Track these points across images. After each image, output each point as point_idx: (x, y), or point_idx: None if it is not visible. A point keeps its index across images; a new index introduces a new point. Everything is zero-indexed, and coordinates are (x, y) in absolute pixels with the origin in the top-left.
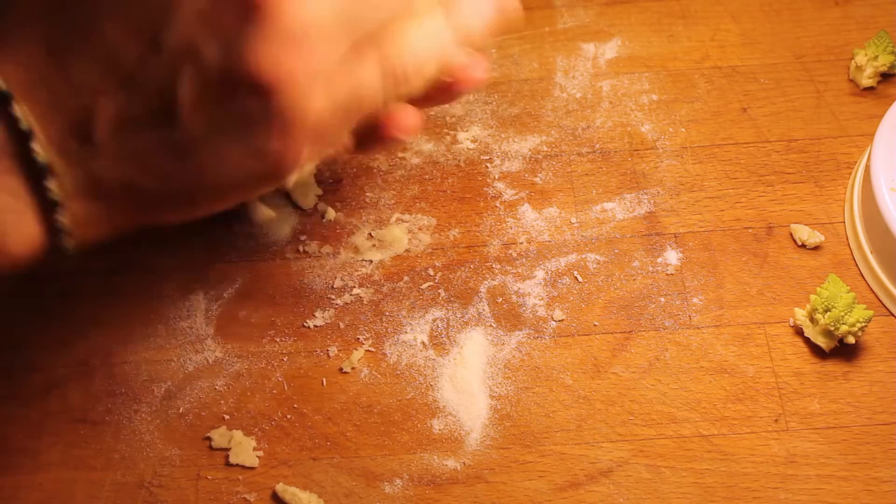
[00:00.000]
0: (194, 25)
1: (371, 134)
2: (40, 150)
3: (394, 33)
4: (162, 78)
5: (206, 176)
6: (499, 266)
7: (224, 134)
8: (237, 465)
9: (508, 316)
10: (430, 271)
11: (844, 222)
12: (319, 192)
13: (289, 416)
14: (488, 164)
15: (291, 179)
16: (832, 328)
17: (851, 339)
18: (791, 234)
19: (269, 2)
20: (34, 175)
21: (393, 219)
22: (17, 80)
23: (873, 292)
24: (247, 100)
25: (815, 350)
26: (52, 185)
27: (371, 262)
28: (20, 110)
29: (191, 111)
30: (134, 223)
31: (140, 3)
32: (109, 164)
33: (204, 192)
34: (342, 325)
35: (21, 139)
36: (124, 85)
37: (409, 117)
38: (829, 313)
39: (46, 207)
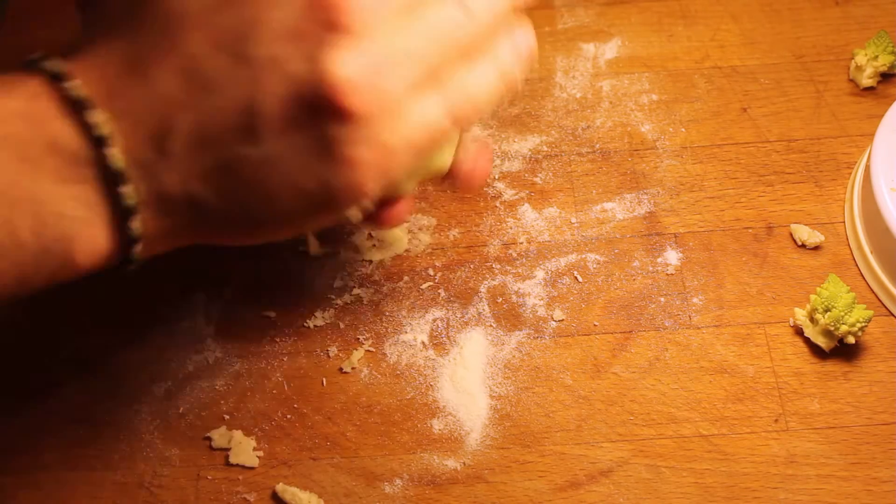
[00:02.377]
0: (280, 40)
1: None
2: (117, 156)
3: (452, 75)
4: (245, 92)
5: (273, 200)
6: (499, 266)
7: (299, 157)
8: (237, 465)
9: (508, 316)
10: (430, 271)
11: (844, 222)
12: None
13: (289, 416)
14: None
15: (353, 213)
16: (832, 328)
17: (851, 339)
18: (791, 234)
19: (356, 24)
20: (108, 184)
21: None
22: (97, 88)
23: (873, 292)
24: (326, 123)
25: (815, 350)
26: (126, 191)
27: (371, 262)
28: (99, 117)
29: (271, 128)
30: (193, 241)
31: (226, 16)
32: (181, 179)
33: (267, 217)
34: (342, 325)
35: (97, 147)
36: (206, 98)
37: (401, 210)
38: (829, 313)
39: (118, 216)
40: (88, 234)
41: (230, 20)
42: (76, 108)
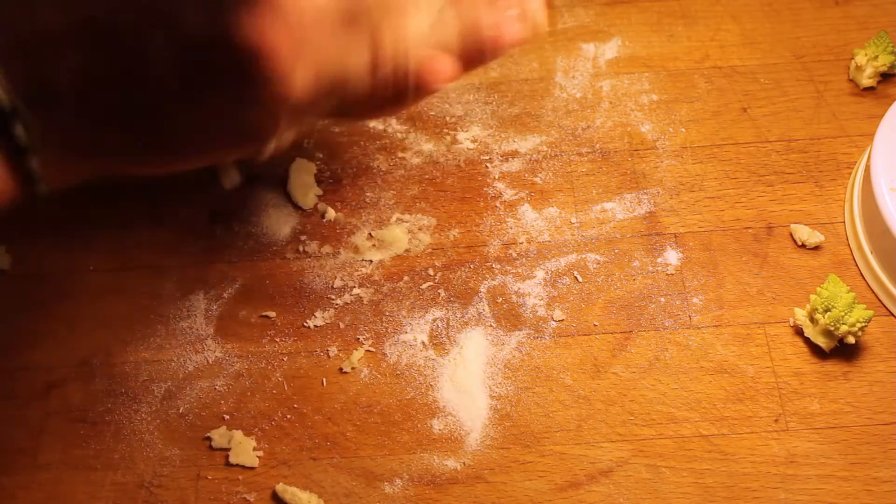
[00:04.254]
0: None
1: (404, 86)
2: (3, 94)
3: (393, 19)
4: (132, 33)
5: (178, 136)
6: (499, 266)
7: (200, 96)
8: (237, 465)
9: (508, 316)
10: (430, 271)
11: (844, 222)
12: (319, 192)
13: (289, 416)
14: (488, 164)
15: (268, 149)
16: (832, 328)
17: (851, 339)
18: (791, 234)
19: None
20: (1, 122)
21: (393, 219)
22: None
23: (873, 292)
24: (227, 63)
25: (815, 350)
26: (19, 130)
27: (371, 262)
28: None
29: (161, 72)
30: (103, 172)
31: None
32: (71, 115)
33: (174, 151)
34: (342, 325)
35: None
36: (92, 37)
37: (443, 65)
38: (829, 313)
39: (15, 153)
40: None
41: None
42: None
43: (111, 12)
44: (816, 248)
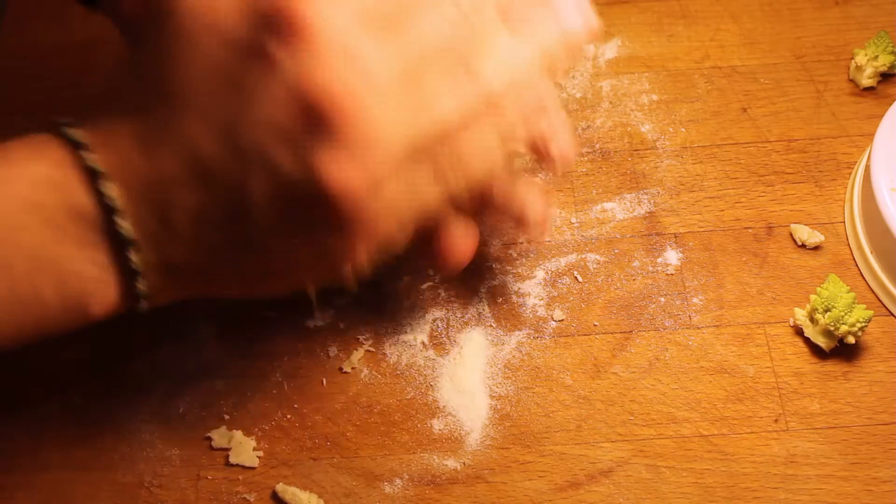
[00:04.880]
0: (266, 130)
1: (425, 249)
2: (127, 227)
3: (449, 144)
4: (237, 177)
5: (271, 268)
6: (499, 266)
7: (291, 234)
8: (237, 465)
9: (508, 316)
10: (430, 271)
11: (844, 222)
12: None
13: (289, 416)
14: None
15: (347, 275)
16: (832, 328)
17: (851, 339)
18: (791, 234)
19: (340, 116)
20: (118, 248)
21: None
22: (111, 161)
23: (873, 292)
24: (314, 206)
25: (815, 350)
26: (134, 257)
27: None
28: (113, 190)
29: (261, 211)
30: (199, 295)
31: (222, 102)
32: (183, 248)
33: (267, 279)
34: (342, 325)
35: (110, 216)
36: (203, 180)
37: (461, 238)
38: (829, 313)
39: (127, 277)
40: (102, 293)
41: (225, 107)
42: (93, 178)
43: (221, 156)
44: (816, 248)
